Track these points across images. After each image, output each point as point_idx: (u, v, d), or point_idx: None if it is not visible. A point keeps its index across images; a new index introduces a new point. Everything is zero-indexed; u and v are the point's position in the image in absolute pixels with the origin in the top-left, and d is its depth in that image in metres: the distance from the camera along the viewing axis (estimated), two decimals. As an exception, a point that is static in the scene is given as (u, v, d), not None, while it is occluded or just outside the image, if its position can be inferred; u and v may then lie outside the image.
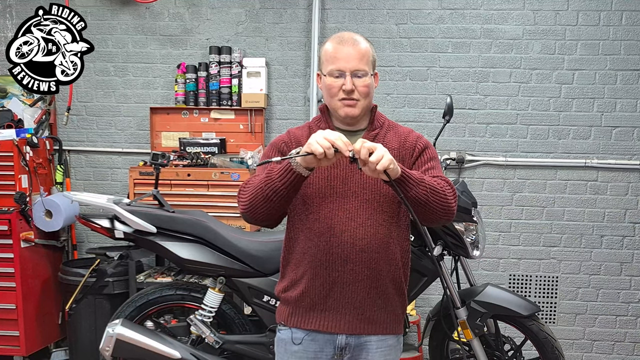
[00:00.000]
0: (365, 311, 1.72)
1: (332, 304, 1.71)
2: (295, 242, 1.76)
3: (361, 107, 1.71)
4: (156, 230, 2.55)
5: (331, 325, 1.72)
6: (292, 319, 1.76)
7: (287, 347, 1.77)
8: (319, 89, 1.79)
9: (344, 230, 1.68)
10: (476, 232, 2.64)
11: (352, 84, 1.67)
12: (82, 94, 3.89)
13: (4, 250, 3.34)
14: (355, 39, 1.72)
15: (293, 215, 1.76)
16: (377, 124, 1.78)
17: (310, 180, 1.68)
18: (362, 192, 1.69)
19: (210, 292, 2.55)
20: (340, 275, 1.69)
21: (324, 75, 1.72)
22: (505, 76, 3.70)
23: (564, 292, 3.77)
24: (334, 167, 1.69)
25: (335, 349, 1.74)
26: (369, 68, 1.71)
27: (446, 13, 3.70)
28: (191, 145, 3.65)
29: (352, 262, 1.69)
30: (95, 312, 3.25)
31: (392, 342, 1.78)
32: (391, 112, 3.76)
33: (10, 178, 3.40)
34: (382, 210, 1.70)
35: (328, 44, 1.73)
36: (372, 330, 1.74)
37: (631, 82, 3.64)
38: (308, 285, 1.72)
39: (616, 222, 3.70)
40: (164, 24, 3.83)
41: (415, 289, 2.59)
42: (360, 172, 1.66)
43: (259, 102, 3.67)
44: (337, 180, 1.69)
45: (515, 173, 3.74)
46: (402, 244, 1.78)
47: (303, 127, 1.81)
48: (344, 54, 1.68)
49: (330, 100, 1.72)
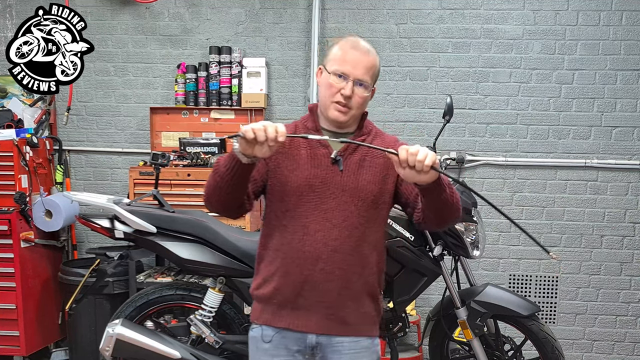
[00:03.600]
0: (336, 312, 1.71)
1: (302, 303, 1.71)
2: (270, 238, 1.76)
3: (351, 115, 1.71)
4: (156, 230, 2.55)
5: (301, 324, 1.71)
6: (263, 316, 1.76)
7: (258, 344, 1.77)
8: (317, 82, 1.78)
9: (318, 229, 1.68)
10: (476, 232, 2.64)
11: (351, 91, 1.67)
12: (82, 94, 3.89)
13: (4, 250, 3.34)
14: (369, 49, 1.73)
15: (270, 212, 1.76)
16: (365, 130, 1.79)
17: (289, 177, 1.69)
18: (341, 194, 1.69)
19: (210, 292, 2.55)
20: (311, 273, 1.69)
21: (327, 72, 1.71)
22: (505, 76, 3.70)
23: (564, 292, 3.77)
24: (315, 167, 1.69)
25: (306, 347, 1.73)
26: (371, 81, 1.72)
27: (446, 13, 3.69)
28: (191, 145, 3.64)
29: (324, 261, 1.68)
30: (95, 312, 3.25)
31: (365, 343, 1.77)
32: (391, 112, 3.76)
33: (10, 178, 3.39)
34: (360, 214, 1.70)
35: (341, 43, 1.72)
36: (342, 331, 1.73)
37: (631, 82, 3.64)
38: (280, 283, 1.72)
39: (616, 222, 3.70)
40: (164, 23, 3.83)
41: (415, 289, 2.59)
42: (340, 174, 1.69)
43: (259, 102, 3.67)
44: (317, 180, 1.69)
45: (515, 173, 3.74)
46: (378, 248, 1.77)
47: (289, 126, 1.79)
48: (354, 60, 1.68)
49: (325, 98, 1.72)
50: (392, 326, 2.65)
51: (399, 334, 2.67)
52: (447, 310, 2.71)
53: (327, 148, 1.72)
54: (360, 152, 1.73)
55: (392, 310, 2.63)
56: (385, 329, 2.64)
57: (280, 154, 1.70)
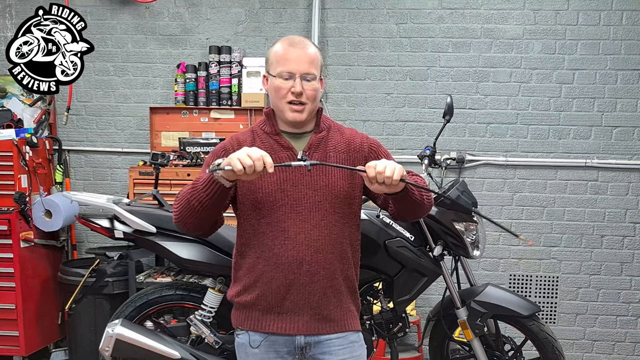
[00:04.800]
0: (322, 311, 1.72)
1: (289, 306, 1.71)
2: (247, 247, 1.76)
3: (308, 110, 1.71)
4: (156, 230, 2.55)
5: (289, 327, 1.72)
6: (248, 322, 1.76)
7: (247, 350, 1.77)
8: (265, 90, 1.79)
9: (299, 232, 1.68)
10: (476, 232, 2.64)
11: (301, 87, 1.68)
12: (82, 94, 3.89)
13: (4, 250, 3.34)
14: (306, 42, 1.74)
15: (243, 221, 1.76)
16: (323, 126, 1.79)
17: (259, 185, 1.69)
18: (313, 194, 1.70)
19: (210, 292, 2.54)
20: (296, 277, 1.69)
21: (272, 77, 1.71)
22: (506, 76, 3.69)
23: (564, 292, 3.77)
24: (283, 171, 1.69)
25: (296, 348, 1.74)
26: (317, 72, 1.72)
27: (446, 13, 3.69)
28: (191, 145, 3.64)
29: (308, 263, 1.69)
30: (95, 312, 3.25)
31: (353, 338, 1.79)
32: (391, 112, 3.75)
33: (9, 178, 3.39)
34: (335, 211, 1.71)
35: (278, 45, 1.73)
36: (329, 329, 1.74)
37: (631, 81, 3.63)
38: (264, 289, 1.72)
39: (616, 222, 3.70)
40: (164, 23, 3.83)
41: (415, 289, 2.59)
42: (309, 174, 1.69)
43: (258, 102, 3.66)
44: (288, 183, 1.69)
45: (515, 173, 3.74)
46: (353, 242, 1.80)
47: (247, 132, 1.80)
48: (295, 57, 1.69)
49: (277, 102, 1.72)
50: (392, 326, 2.65)
51: (399, 334, 2.67)
52: (447, 311, 2.71)
53: (290, 150, 1.73)
54: (323, 149, 1.75)
55: (392, 310, 2.63)
56: (385, 329, 2.64)
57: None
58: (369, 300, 2.65)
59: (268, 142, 1.74)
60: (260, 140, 1.75)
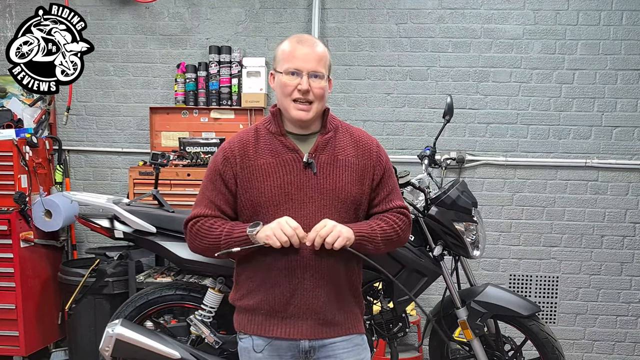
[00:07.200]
0: (326, 315, 1.70)
1: (293, 311, 1.69)
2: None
3: (314, 110, 1.68)
4: (156, 230, 2.55)
5: (293, 331, 1.69)
6: (251, 326, 1.74)
7: (250, 355, 1.75)
8: (272, 88, 1.76)
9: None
10: (476, 232, 2.63)
11: (308, 84, 1.65)
12: (82, 94, 3.89)
13: (4, 250, 3.34)
14: (315, 41, 1.72)
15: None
16: (330, 126, 1.75)
17: (263, 188, 1.66)
18: (319, 197, 1.66)
19: (210, 292, 2.54)
20: (300, 282, 1.67)
21: (279, 73, 1.69)
22: (506, 76, 3.69)
23: (565, 292, 3.77)
24: (287, 174, 1.66)
25: (300, 352, 1.72)
26: (325, 71, 1.69)
27: (446, 13, 3.69)
28: (191, 145, 3.65)
29: (313, 268, 1.66)
30: (95, 312, 3.25)
31: (357, 340, 1.78)
32: (391, 112, 3.75)
33: (9, 178, 3.39)
34: (340, 215, 1.67)
35: (286, 43, 1.71)
36: (333, 333, 1.72)
37: (632, 81, 3.63)
38: (267, 294, 1.70)
39: (616, 222, 3.70)
40: (164, 23, 3.83)
41: (415, 289, 2.59)
42: (315, 177, 1.66)
43: (258, 102, 3.66)
44: (292, 186, 1.66)
45: (515, 173, 3.74)
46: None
47: (249, 131, 1.76)
48: (303, 54, 1.66)
49: (283, 99, 1.69)
50: (392, 326, 2.65)
51: (399, 334, 2.66)
52: (447, 311, 2.70)
53: (296, 152, 1.69)
54: (331, 150, 1.71)
55: (392, 310, 2.62)
56: (385, 329, 2.64)
57: (247, 168, 1.68)
58: (369, 300, 2.65)
59: (272, 143, 1.70)
60: (264, 141, 1.71)
